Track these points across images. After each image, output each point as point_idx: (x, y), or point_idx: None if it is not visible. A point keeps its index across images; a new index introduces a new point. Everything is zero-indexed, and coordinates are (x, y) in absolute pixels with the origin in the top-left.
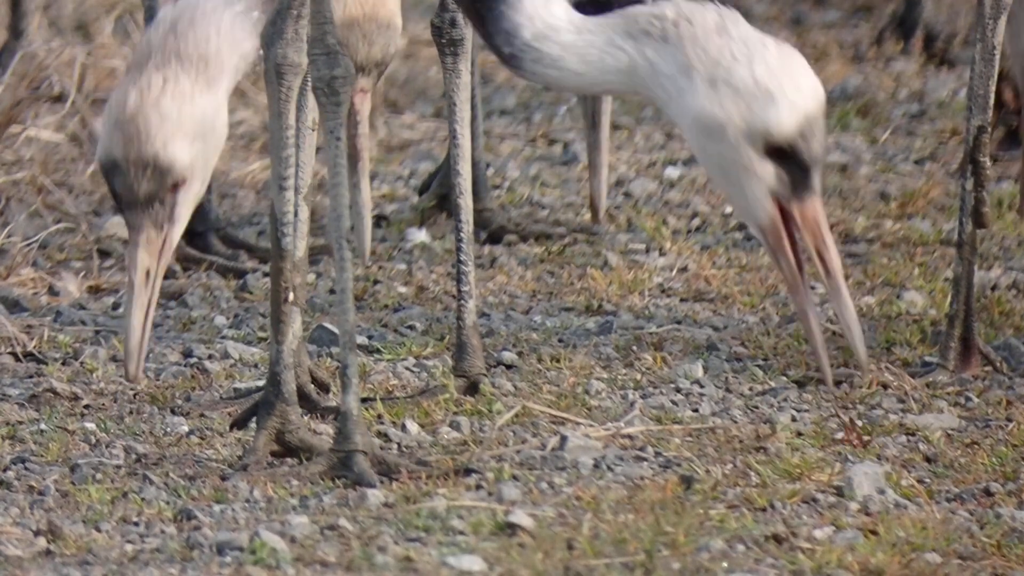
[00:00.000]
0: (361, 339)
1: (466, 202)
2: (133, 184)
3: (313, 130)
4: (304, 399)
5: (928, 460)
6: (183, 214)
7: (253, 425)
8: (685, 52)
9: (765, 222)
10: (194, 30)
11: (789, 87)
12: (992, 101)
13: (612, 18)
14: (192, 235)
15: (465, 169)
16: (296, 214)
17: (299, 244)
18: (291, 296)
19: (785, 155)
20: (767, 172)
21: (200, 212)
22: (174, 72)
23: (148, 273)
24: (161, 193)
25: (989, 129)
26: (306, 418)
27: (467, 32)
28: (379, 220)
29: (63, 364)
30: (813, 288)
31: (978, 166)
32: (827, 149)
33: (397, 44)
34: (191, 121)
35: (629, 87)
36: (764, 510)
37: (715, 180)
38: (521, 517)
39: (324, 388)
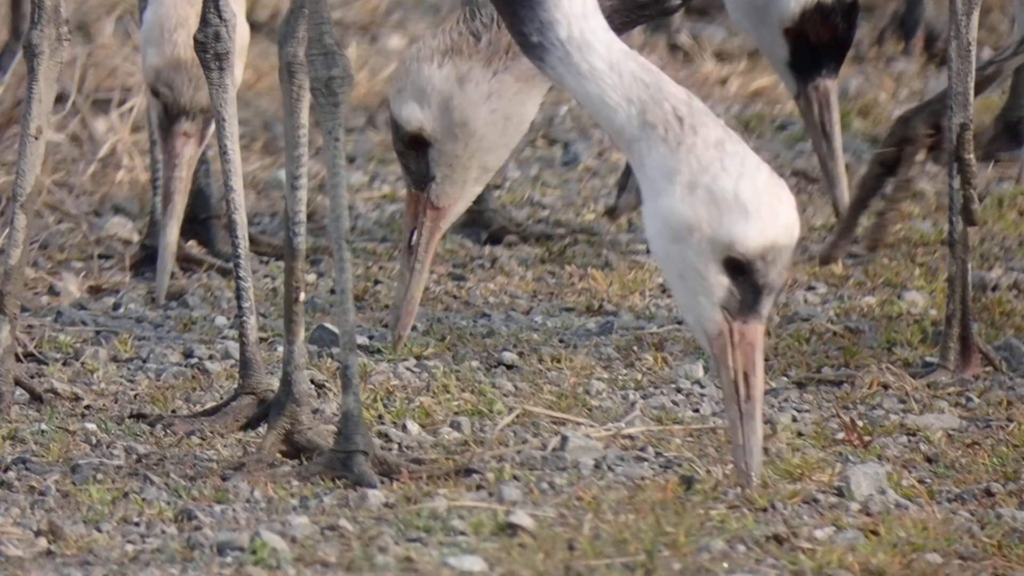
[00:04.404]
0: (361, 339)
1: (240, 217)
2: None
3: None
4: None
5: (929, 460)
6: None
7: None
8: (677, 158)
9: (713, 332)
10: None
11: (766, 211)
12: (972, 98)
13: (644, 83)
14: (194, 222)
15: (238, 185)
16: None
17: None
18: (302, 295)
19: (742, 272)
20: (720, 284)
21: (201, 199)
22: None
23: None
24: None
25: (971, 125)
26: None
27: (232, 45)
28: None
29: (64, 364)
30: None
31: (963, 163)
32: (785, 284)
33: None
34: None
35: (618, 144)
36: (765, 510)
37: (673, 285)
38: (522, 517)
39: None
